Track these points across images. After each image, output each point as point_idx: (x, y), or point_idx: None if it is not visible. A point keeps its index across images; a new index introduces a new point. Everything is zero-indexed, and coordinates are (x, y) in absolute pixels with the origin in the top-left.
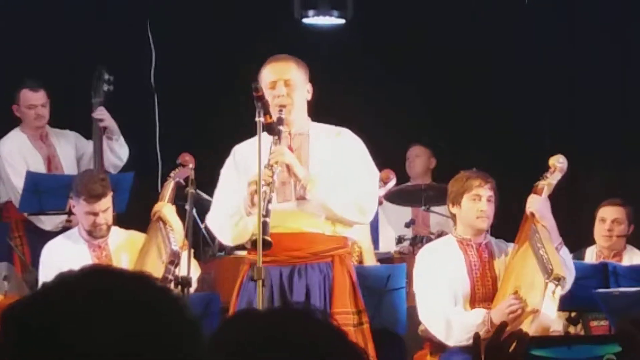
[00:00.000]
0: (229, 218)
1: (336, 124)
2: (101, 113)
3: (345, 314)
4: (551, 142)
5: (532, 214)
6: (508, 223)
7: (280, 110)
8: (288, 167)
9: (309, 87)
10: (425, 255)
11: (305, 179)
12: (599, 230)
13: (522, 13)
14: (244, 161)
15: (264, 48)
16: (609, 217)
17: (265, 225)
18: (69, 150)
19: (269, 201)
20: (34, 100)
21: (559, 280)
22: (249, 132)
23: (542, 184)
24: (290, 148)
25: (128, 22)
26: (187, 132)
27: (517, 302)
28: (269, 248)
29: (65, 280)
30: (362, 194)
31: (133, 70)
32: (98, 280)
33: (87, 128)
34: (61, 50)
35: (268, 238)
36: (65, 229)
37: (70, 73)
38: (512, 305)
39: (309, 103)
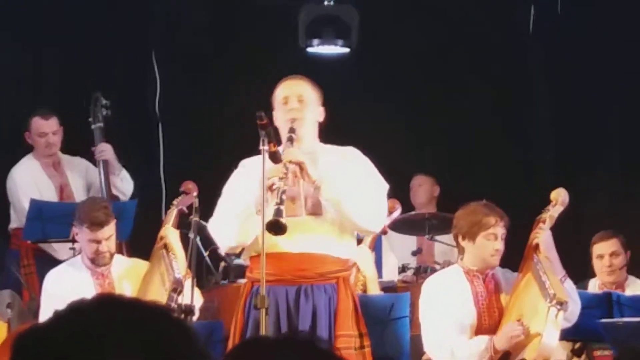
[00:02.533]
0: (236, 217)
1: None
2: (102, 153)
3: (348, 336)
4: (556, 168)
5: (536, 246)
6: (511, 253)
7: (293, 121)
8: (301, 167)
9: (321, 109)
10: (431, 286)
11: (318, 179)
12: (599, 267)
13: (529, 40)
14: (252, 172)
15: (269, 77)
16: (606, 252)
17: (279, 211)
18: (80, 180)
19: (283, 192)
20: (45, 128)
21: (561, 304)
22: None
23: (544, 216)
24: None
25: (133, 51)
26: (191, 160)
27: (519, 326)
28: (284, 232)
29: (77, 309)
30: (374, 202)
31: (138, 98)
32: (110, 310)
33: (92, 154)
34: (66, 78)
35: (283, 220)
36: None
37: (75, 101)
38: (514, 330)
39: (320, 126)
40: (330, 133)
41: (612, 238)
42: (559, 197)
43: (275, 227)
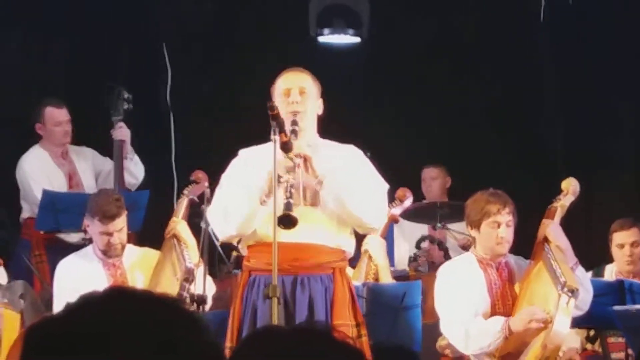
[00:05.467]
0: (239, 208)
1: (351, 143)
2: (121, 131)
3: (345, 326)
4: (566, 158)
5: (545, 238)
6: (524, 241)
7: (295, 114)
8: (306, 161)
9: (320, 102)
10: (446, 271)
11: (321, 174)
12: (619, 256)
13: (539, 31)
14: (252, 162)
15: (280, 66)
16: (626, 241)
17: (289, 205)
18: (88, 168)
19: (292, 186)
20: (61, 117)
21: (572, 292)
22: None
23: (554, 206)
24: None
25: (144, 42)
26: (202, 149)
27: (543, 313)
28: (295, 226)
29: (88, 302)
30: (375, 200)
31: (149, 89)
32: (121, 303)
33: (106, 146)
34: (79, 70)
35: (294, 214)
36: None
37: (88, 92)
38: (536, 314)
39: (319, 120)
40: (340, 122)
41: (633, 227)
42: (570, 187)
43: (286, 221)
